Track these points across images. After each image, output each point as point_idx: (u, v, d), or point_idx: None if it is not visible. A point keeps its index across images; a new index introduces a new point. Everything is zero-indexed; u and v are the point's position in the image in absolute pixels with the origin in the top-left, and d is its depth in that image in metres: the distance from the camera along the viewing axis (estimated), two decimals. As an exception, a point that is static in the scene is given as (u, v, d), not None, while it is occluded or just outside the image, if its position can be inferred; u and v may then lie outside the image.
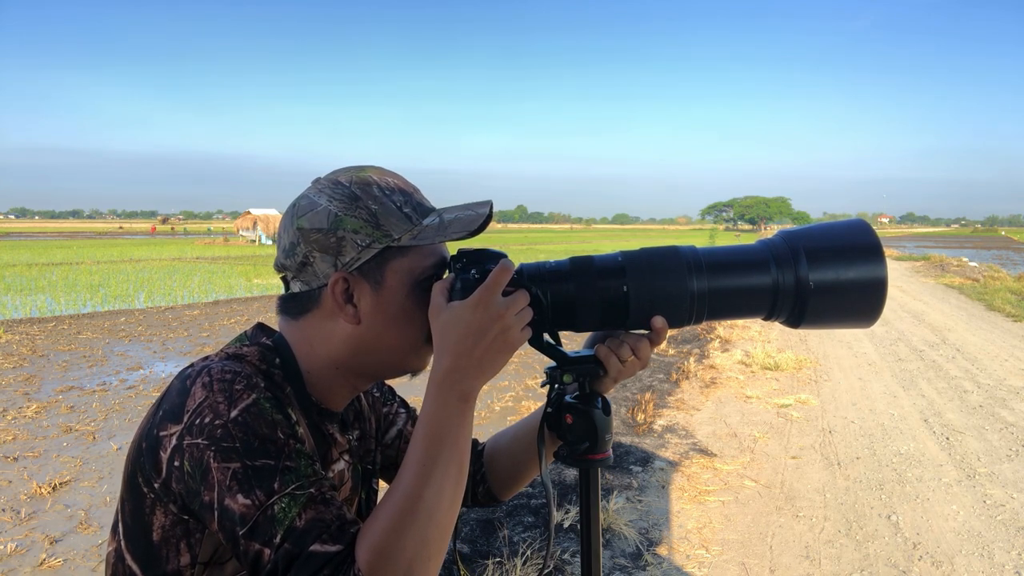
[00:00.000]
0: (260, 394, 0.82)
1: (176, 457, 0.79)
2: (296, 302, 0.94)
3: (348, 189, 0.92)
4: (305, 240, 0.91)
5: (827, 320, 0.93)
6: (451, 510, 0.81)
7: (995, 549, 3.51)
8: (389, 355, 0.94)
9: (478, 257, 0.89)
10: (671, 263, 0.91)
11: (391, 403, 1.19)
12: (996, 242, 70.43)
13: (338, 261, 0.90)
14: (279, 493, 0.77)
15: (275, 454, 0.79)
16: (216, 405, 0.79)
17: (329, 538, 0.76)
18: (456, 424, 0.83)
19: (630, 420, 5.62)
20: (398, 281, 0.91)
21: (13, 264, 24.68)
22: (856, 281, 0.90)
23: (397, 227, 0.90)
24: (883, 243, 0.92)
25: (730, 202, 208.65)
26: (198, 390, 0.81)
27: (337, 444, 0.99)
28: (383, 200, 0.92)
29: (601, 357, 0.96)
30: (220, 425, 0.78)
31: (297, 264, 0.92)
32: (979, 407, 6.09)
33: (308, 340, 0.94)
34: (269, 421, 0.80)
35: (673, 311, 0.91)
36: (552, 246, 46.14)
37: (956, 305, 13.30)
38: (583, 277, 0.90)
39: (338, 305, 0.91)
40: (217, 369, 0.83)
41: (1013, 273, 20.27)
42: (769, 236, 0.97)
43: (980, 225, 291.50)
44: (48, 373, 7.53)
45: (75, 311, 12.83)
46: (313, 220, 0.90)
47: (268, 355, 0.91)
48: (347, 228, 0.89)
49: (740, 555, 3.45)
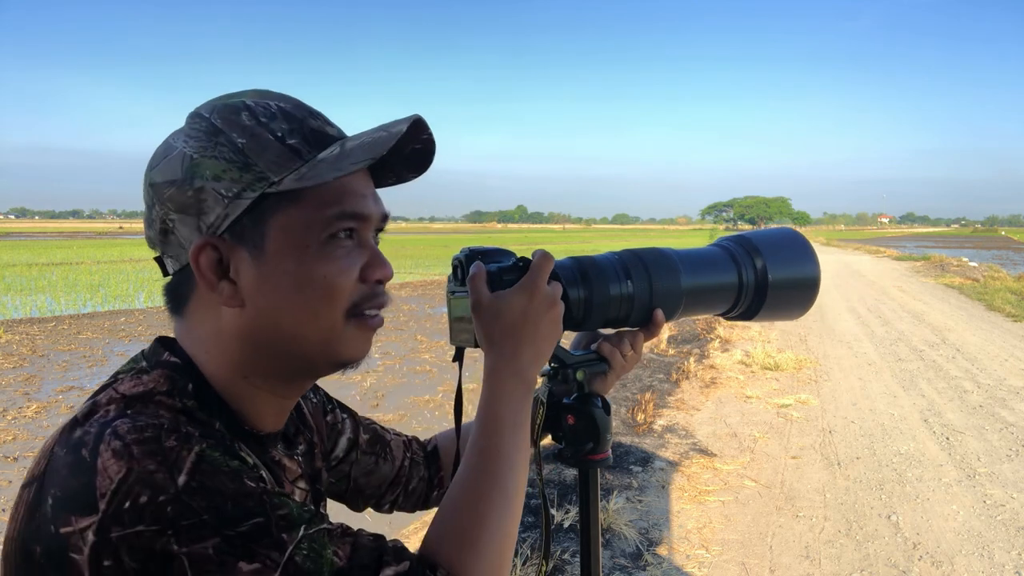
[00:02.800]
0: (201, 444, 0.60)
1: (105, 556, 0.56)
2: (176, 290, 0.72)
3: (207, 121, 0.68)
4: (159, 198, 0.68)
5: (775, 313, 1.05)
6: (522, 499, 0.76)
7: (995, 549, 3.51)
8: (295, 344, 0.71)
9: (494, 253, 0.88)
10: (664, 262, 0.95)
11: (332, 409, 0.99)
12: (996, 242, 70.40)
13: (201, 222, 0.67)
14: (292, 543, 0.59)
15: (259, 509, 0.59)
16: (150, 477, 0.57)
17: (392, 559, 0.63)
18: (523, 410, 0.78)
19: (630, 420, 5.62)
20: (288, 240, 0.68)
21: (13, 264, 24.67)
22: (800, 279, 1.04)
23: (276, 166, 0.67)
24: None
25: (730, 202, 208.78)
26: (110, 463, 0.57)
27: (287, 472, 0.78)
28: (255, 130, 0.67)
29: (606, 354, 0.97)
30: (168, 501, 0.56)
31: (158, 233, 0.70)
32: (979, 407, 6.09)
33: (200, 342, 0.71)
34: (229, 473, 0.59)
35: (667, 307, 0.96)
36: (552, 246, 46.16)
37: (956, 305, 13.30)
38: (595, 278, 0.91)
39: (208, 283, 0.68)
40: (126, 428, 0.59)
41: (1013, 273, 20.27)
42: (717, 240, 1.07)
43: (980, 225, 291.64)
44: (48, 373, 7.53)
45: (75, 311, 12.83)
46: (166, 170, 0.68)
47: (178, 380, 0.68)
48: (206, 175, 0.66)
49: (740, 555, 3.45)
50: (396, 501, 1.06)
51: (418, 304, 13.93)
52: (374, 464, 1.01)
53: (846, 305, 13.20)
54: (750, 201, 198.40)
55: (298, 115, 0.70)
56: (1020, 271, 21.54)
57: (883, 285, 16.72)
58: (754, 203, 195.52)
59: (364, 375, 7.58)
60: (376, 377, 7.54)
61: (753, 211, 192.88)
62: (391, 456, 1.03)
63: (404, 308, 13.24)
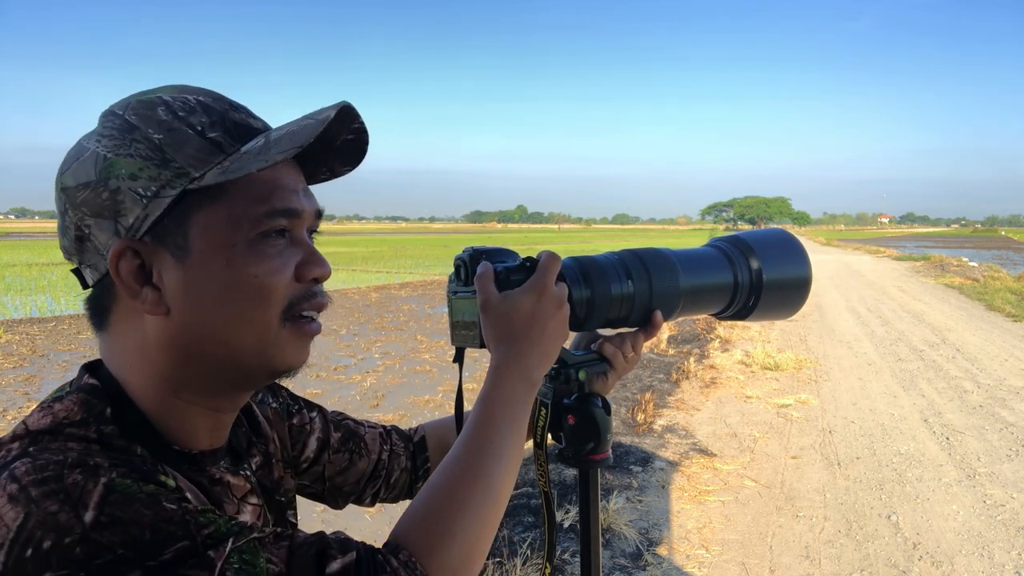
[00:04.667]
0: (110, 474, 0.55)
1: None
2: (96, 303, 0.68)
3: (121, 119, 0.64)
4: (71, 203, 0.64)
5: (768, 313, 1.05)
6: (507, 494, 0.73)
7: (995, 549, 3.51)
8: (230, 353, 0.66)
9: (497, 253, 0.87)
10: (663, 262, 0.95)
11: (298, 410, 0.93)
12: (996, 242, 70.39)
13: (119, 225, 0.63)
14: (220, 559, 0.55)
15: (182, 532, 0.54)
16: (52, 519, 0.52)
17: (337, 552, 0.60)
18: (522, 409, 0.77)
19: (630, 420, 5.62)
20: (214, 240, 0.64)
21: (13, 264, 24.67)
22: (793, 279, 1.04)
23: (197, 160, 0.63)
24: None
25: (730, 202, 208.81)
26: (6, 510, 0.53)
27: (233, 490, 0.73)
28: (173, 124, 0.63)
29: (608, 355, 0.97)
30: (75, 542, 0.51)
31: (73, 241, 0.65)
32: (979, 407, 6.09)
33: (126, 358, 0.66)
34: (145, 500, 0.55)
35: (667, 308, 0.96)
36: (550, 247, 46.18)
37: (956, 305, 13.29)
38: (597, 278, 0.91)
39: (130, 290, 0.63)
40: (23, 469, 0.55)
41: (1013, 273, 20.26)
42: (710, 240, 1.07)
43: (980, 225, 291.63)
44: (48, 373, 7.54)
45: (75, 311, 12.82)
46: (78, 173, 0.63)
47: (94, 405, 0.63)
48: (122, 174, 0.62)
49: (740, 555, 3.45)
50: (378, 494, 1.03)
51: (418, 304, 13.93)
52: (348, 461, 0.98)
53: (846, 305, 13.20)
54: (750, 201, 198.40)
55: (218, 108, 0.66)
56: (1020, 271, 21.53)
57: (883, 285, 16.71)
58: (754, 203, 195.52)
59: (364, 375, 7.58)
60: (376, 377, 7.53)
61: (753, 211, 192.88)
62: (366, 451, 1.00)
63: (404, 308, 13.24)
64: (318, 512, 3.80)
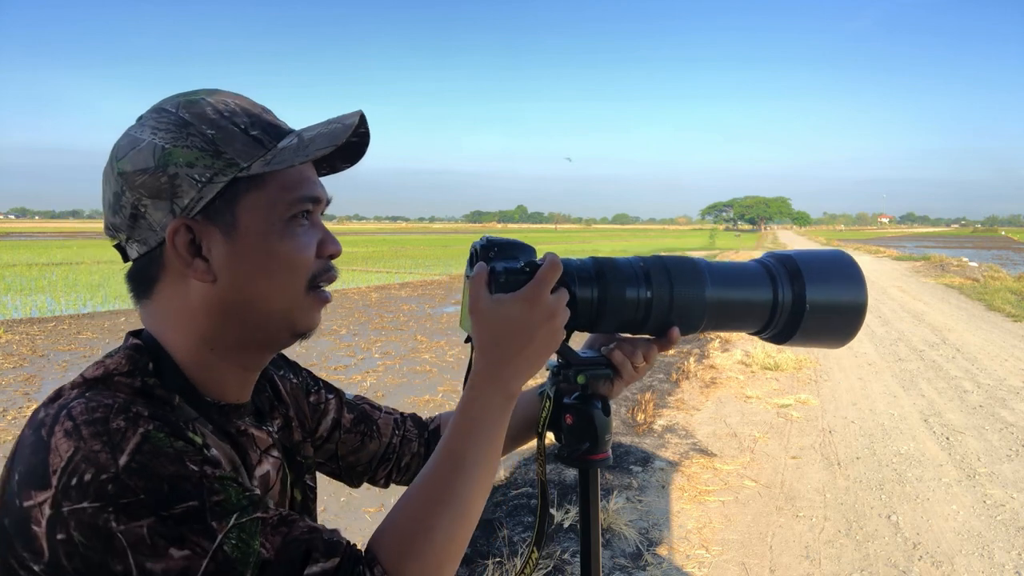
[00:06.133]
0: (148, 425, 0.64)
1: (59, 530, 0.61)
2: (141, 273, 0.77)
3: (175, 115, 0.75)
4: (130, 186, 0.73)
5: (812, 339, 0.99)
6: (479, 508, 0.76)
7: (995, 549, 3.51)
8: (263, 315, 0.77)
9: (510, 247, 0.87)
10: (690, 272, 0.93)
11: (316, 390, 1.03)
12: (996, 242, 70.36)
13: (175, 205, 0.73)
14: (222, 531, 0.62)
15: (195, 492, 0.62)
16: (95, 456, 0.61)
17: (321, 556, 0.66)
18: (498, 420, 0.78)
19: (630, 420, 5.62)
20: (256, 220, 0.75)
21: (13, 264, 24.68)
22: (843, 304, 0.97)
23: (244, 153, 0.74)
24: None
25: (730, 202, 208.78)
26: (61, 442, 0.62)
27: (256, 441, 0.82)
28: (221, 123, 0.75)
29: (617, 362, 0.96)
30: (109, 479, 0.60)
31: (127, 219, 0.75)
32: (979, 407, 6.10)
33: (169, 320, 0.76)
34: (171, 455, 0.63)
35: (688, 319, 0.93)
36: (549, 247, 46.10)
37: (956, 305, 13.29)
38: (611, 280, 0.90)
39: (183, 260, 0.74)
40: (79, 408, 0.64)
41: (1013, 273, 20.26)
42: (759, 256, 1.02)
43: (980, 225, 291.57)
44: (48, 373, 7.54)
45: (75, 311, 12.83)
46: (136, 160, 0.73)
47: (139, 360, 0.73)
48: (179, 162, 0.72)
49: (740, 555, 3.45)
50: (390, 476, 1.09)
51: (418, 304, 13.92)
52: (359, 442, 1.05)
53: (846, 305, 13.18)
54: (750, 201, 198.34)
55: (254, 110, 0.78)
56: (1020, 271, 21.53)
57: (883, 285, 16.69)
58: (754, 203, 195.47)
59: (364, 375, 7.58)
60: (376, 377, 7.53)
61: (753, 211, 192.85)
62: (378, 434, 1.07)
63: (404, 308, 13.24)
64: (319, 511, 3.80)
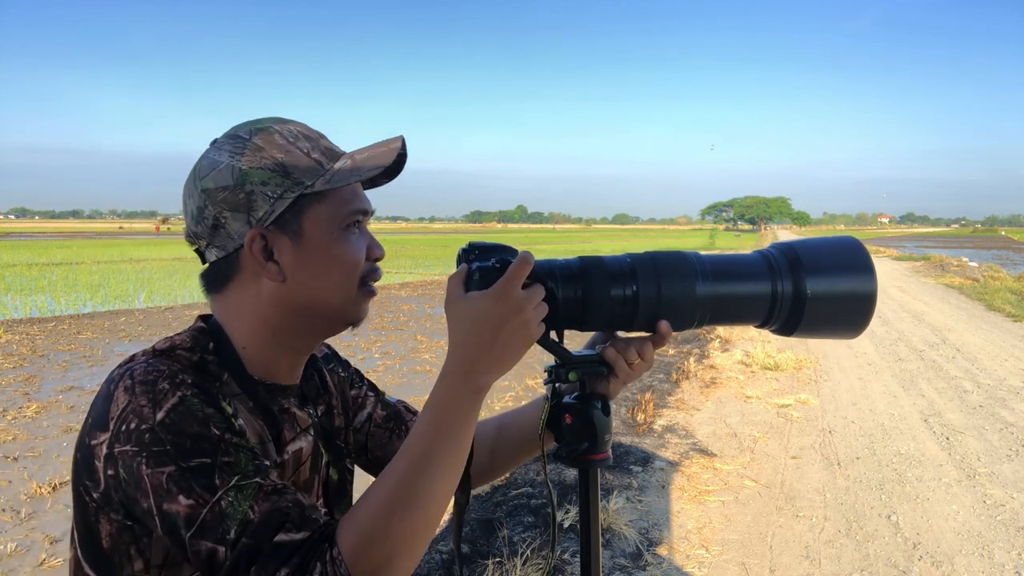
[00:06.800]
0: (186, 391, 0.78)
1: (109, 466, 0.77)
2: (216, 272, 0.91)
3: (249, 141, 0.88)
4: (212, 201, 0.87)
5: (818, 330, 0.97)
6: (442, 505, 0.79)
7: (995, 549, 3.51)
8: (322, 308, 0.91)
9: (491, 250, 0.88)
10: (679, 267, 0.92)
11: (359, 386, 1.15)
12: (996, 242, 70.36)
13: (251, 217, 0.86)
14: (223, 488, 0.74)
15: (210, 451, 0.76)
16: (140, 409, 0.76)
17: (293, 526, 0.74)
18: (464, 417, 0.80)
19: (630, 420, 5.62)
20: (318, 230, 0.89)
21: (13, 264, 24.68)
22: (849, 294, 0.94)
23: (308, 173, 0.88)
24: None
25: (730, 202, 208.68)
26: (120, 395, 0.78)
27: (296, 420, 0.95)
28: (288, 148, 0.89)
29: (610, 360, 0.96)
30: (147, 430, 0.75)
31: (209, 229, 0.88)
32: (979, 407, 6.10)
33: (238, 312, 0.90)
34: (199, 418, 0.77)
35: (679, 314, 0.92)
36: (547, 246, 46.13)
37: (956, 305, 13.30)
38: (594, 277, 0.90)
39: (259, 263, 0.87)
40: (140, 370, 0.80)
41: (1013, 273, 20.26)
42: (763, 247, 0.99)
43: (980, 225, 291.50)
44: (48, 373, 7.53)
45: (75, 311, 12.83)
46: (217, 179, 0.87)
47: (201, 340, 0.88)
48: (255, 181, 0.86)
49: (740, 555, 3.45)
50: None
51: (418, 304, 13.92)
52: (388, 439, 1.13)
53: (846, 305, 13.19)
54: (750, 201, 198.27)
55: (313, 136, 0.92)
56: (1020, 271, 21.53)
57: (883, 285, 16.68)
58: (754, 203, 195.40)
59: (364, 374, 7.58)
60: (376, 377, 7.53)
61: (753, 211, 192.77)
62: (406, 432, 1.14)
63: (404, 308, 13.24)
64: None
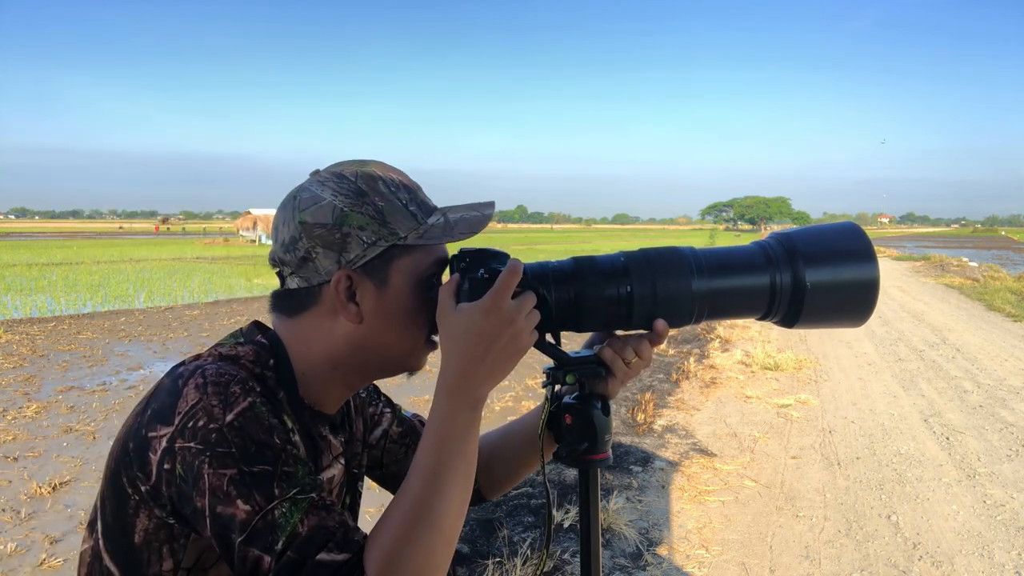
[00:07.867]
0: (256, 398, 0.79)
1: (167, 460, 0.77)
2: (293, 299, 0.91)
3: (354, 184, 0.89)
4: (308, 235, 0.88)
5: (821, 319, 0.95)
6: (458, 519, 0.80)
7: (995, 549, 3.51)
8: (389, 355, 0.92)
9: (481, 256, 0.88)
10: (673, 264, 0.91)
11: (376, 403, 1.17)
12: (996, 242, 70.38)
13: (342, 258, 0.87)
14: (279, 499, 0.75)
15: (272, 460, 0.77)
16: (211, 408, 0.77)
17: (335, 547, 0.75)
18: (465, 431, 0.82)
19: (630, 420, 5.62)
20: (402, 280, 0.89)
21: (13, 264, 24.67)
22: (850, 281, 0.92)
23: (403, 225, 0.88)
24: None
25: (730, 202, 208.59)
26: (191, 391, 0.78)
27: (331, 448, 0.97)
28: (389, 197, 0.89)
29: (607, 360, 0.96)
30: (215, 429, 0.76)
31: (298, 259, 0.89)
32: (979, 407, 6.10)
33: (305, 339, 0.91)
34: (266, 426, 0.78)
35: (675, 311, 0.92)
36: (546, 247, 46.11)
37: (956, 305, 13.30)
38: (587, 278, 0.89)
39: (341, 303, 0.88)
40: (212, 371, 0.80)
41: (1013, 273, 20.26)
42: (762, 238, 0.98)
43: (980, 225, 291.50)
44: (48, 373, 7.53)
45: (75, 311, 12.83)
46: (317, 214, 0.87)
47: (263, 355, 0.89)
48: (353, 224, 0.87)
49: (740, 555, 3.45)
50: None
51: (418, 304, 13.92)
52: (403, 454, 1.15)
53: (846, 305, 13.18)
54: (750, 201, 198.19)
55: (412, 187, 0.93)
56: (1020, 271, 21.53)
57: (883, 285, 16.64)
58: (754, 203, 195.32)
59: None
60: (376, 377, 7.54)
61: (753, 211, 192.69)
62: None
63: (404, 308, 13.24)
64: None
